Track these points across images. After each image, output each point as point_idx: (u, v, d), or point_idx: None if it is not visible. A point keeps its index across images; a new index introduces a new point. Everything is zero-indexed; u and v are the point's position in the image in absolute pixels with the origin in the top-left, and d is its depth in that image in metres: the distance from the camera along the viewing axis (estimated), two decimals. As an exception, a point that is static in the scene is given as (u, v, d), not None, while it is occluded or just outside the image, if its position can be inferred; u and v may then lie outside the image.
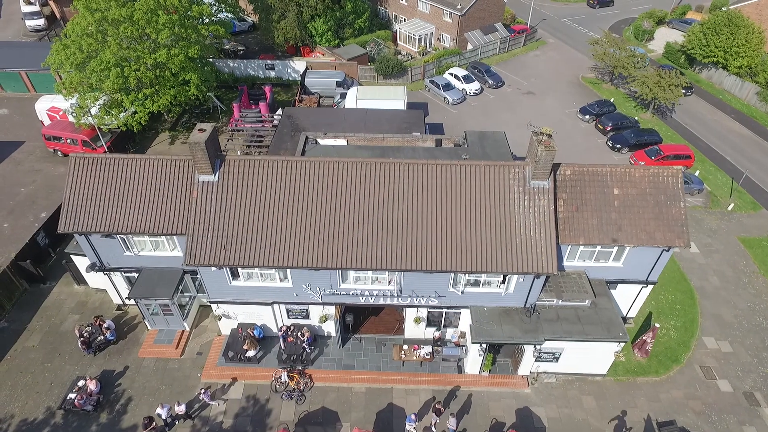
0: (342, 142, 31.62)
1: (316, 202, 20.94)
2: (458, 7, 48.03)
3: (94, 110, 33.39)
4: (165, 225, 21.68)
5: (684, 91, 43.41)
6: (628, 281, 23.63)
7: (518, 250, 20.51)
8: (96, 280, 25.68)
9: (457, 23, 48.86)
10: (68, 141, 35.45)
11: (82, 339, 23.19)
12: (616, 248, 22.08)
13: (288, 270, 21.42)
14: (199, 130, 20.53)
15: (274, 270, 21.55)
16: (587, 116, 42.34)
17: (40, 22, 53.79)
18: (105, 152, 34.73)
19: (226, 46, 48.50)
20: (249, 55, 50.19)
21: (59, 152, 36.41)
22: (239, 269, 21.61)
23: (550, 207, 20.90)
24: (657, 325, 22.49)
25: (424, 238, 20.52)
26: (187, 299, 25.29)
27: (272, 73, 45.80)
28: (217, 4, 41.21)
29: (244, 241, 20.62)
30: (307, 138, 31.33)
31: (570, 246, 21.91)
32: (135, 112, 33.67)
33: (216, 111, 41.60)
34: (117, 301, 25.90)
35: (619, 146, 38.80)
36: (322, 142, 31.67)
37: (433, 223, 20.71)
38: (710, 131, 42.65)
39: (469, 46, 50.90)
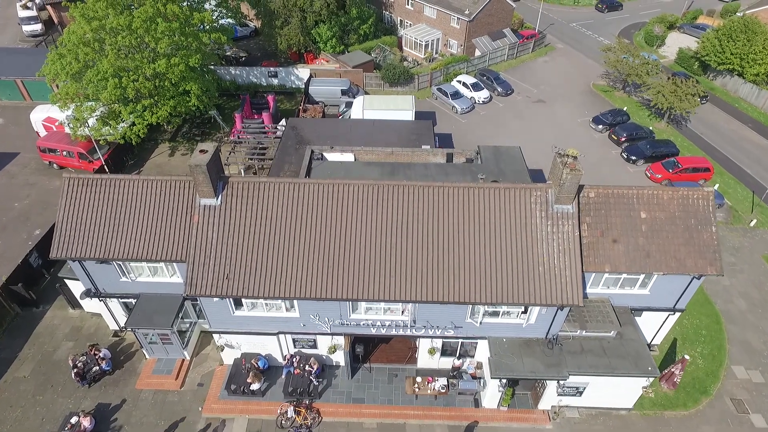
0: (349, 156, 30.30)
1: (325, 228, 19.63)
2: (466, 12, 46.72)
3: (91, 122, 32.11)
4: (164, 251, 20.37)
5: (699, 100, 41.98)
6: (654, 309, 22.32)
7: (541, 279, 19.19)
8: (91, 304, 24.32)
9: (465, 29, 47.55)
10: (64, 153, 34.16)
11: (75, 370, 21.88)
12: (643, 275, 20.79)
13: (295, 300, 20.11)
14: (201, 151, 19.23)
15: (280, 300, 20.24)
16: (600, 126, 41.02)
17: (37, 27, 52.54)
18: (102, 165, 33.48)
19: (228, 53, 47.23)
20: (251, 62, 48.90)
21: (55, 165, 35.12)
22: (243, 299, 20.31)
23: (574, 233, 19.58)
24: (687, 357, 21.16)
25: (440, 267, 19.20)
26: (188, 325, 23.98)
27: (275, 81, 44.50)
28: (218, 10, 39.99)
29: (249, 270, 19.31)
30: (312, 152, 30.02)
31: (594, 273, 20.62)
32: (133, 124, 32.36)
33: (217, 120, 40.28)
34: (114, 327, 24.59)
35: (634, 158, 37.47)
36: (328, 156, 30.36)
37: (449, 250, 19.38)
38: (727, 141, 41.31)
39: (477, 53, 49.58)
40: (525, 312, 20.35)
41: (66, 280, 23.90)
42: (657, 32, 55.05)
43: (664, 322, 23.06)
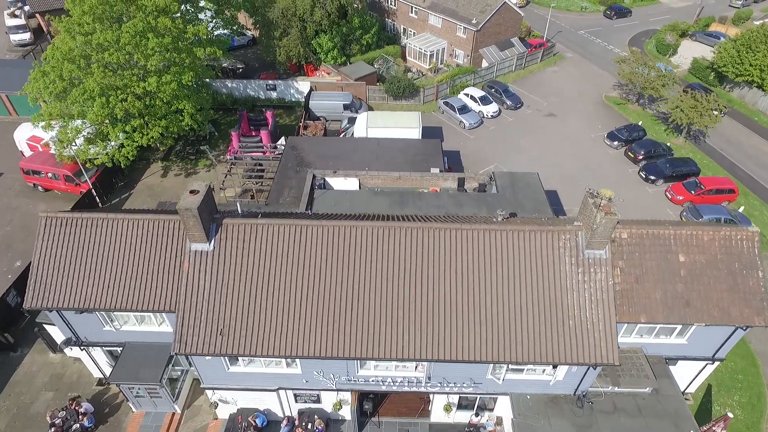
0: (353, 181, 28.30)
1: (330, 276, 17.60)
2: (473, 22, 44.72)
3: (77, 142, 30.00)
4: (151, 301, 18.30)
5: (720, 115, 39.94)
6: (692, 358, 20.36)
7: (571, 335, 17.18)
8: (74, 349, 22.29)
9: (472, 39, 45.55)
10: (49, 176, 32.05)
11: (53, 429, 19.80)
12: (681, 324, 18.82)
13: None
14: (191, 191, 17.18)
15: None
16: (616, 142, 39.04)
17: (26, 36, 50.46)
18: (90, 188, 31.37)
19: (225, 64, 45.12)
20: (249, 73, 46.84)
21: (40, 187, 33.01)
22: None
23: (608, 282, 17.58)
24: (730, 414, 19.17)
25: (459, 320, 17.18)
26: (179, 373, 21.94)
27: (274, 94, 42.46)
28: (214, 21, 37.93)
29: (245, 324, 17.26)
30: (314, 177, 28.02)
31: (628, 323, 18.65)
32: (122, 146, 30.27)
33: (213, 137, 38.24)
34: (97, 375, 22.52)
35: (653, 177, 35.49)
36: (331, 180, 28.36)
37: (468, 301, 17.37)
38: (749, 158, 39.37)
39: (485, 63, 47.59)
40: (553, 368, 18.35)
41: (45, 325, 21.82)
42: (669, 41, 53.12)
43: (701, 371, 21.09)
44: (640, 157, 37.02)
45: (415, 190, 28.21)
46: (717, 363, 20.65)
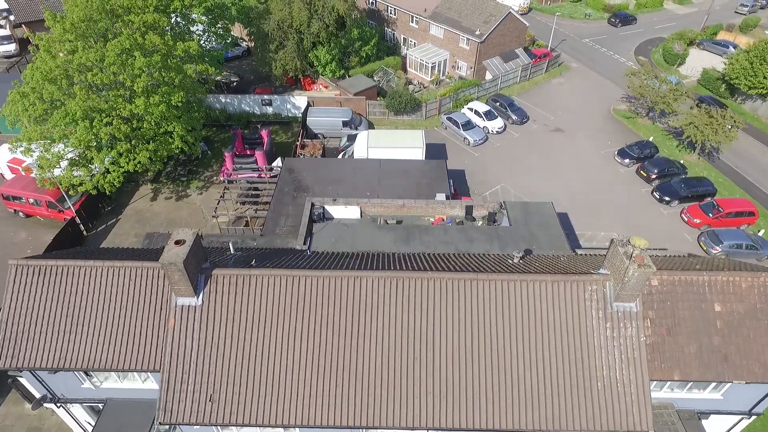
0: (354, 210, 26.52)
1: (331, 334, 15.85)
2: (477, 33, 43.05)
3: (57, 171, 28.15)
4: (134, 359, 16.50)
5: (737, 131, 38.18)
6: (726, 412, 18.70)
7: (600, 399, 15.47)
8: (52, 401, 20.47)
9: (475, 50, 43.89)
10: (31, 201, 30.21)
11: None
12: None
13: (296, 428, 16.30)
14: (176, 242, 15.42)
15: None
16: (627, 160, 37.41)
17: (11, 47, 48.64)
18: (74, 216, 29.51)
19: (218, 77, 43.26)
20: (243, 87, 45.06)
21: (21, 213, 31.16)
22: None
23: (640, 338, 15.89)
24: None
25: (473, 383, 15.46)
26: (167, 427, 20.11)
27: (269, 110, 40.68)
28: (206, 34, 36.14)
29: (237, 389, 15.49)
30: (313, 205, 26.24)
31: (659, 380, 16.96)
32: (108, 171, 28.43)
33: (206, 157, 36.42)
34: (78, 430, 20.69)
35: (668, 198, 33.85)
36: (331, 209, 26.56)
37: (484, 362, 15.65)
38: (766, 176, 37.79)
39: (488, 75, 45.92)
40: None
41: (19, 378, 19.99)
42: (677, 50, 51.59)
43: (735, 425, 19.44)
44: (653, 177, 35.41)
45: (421, 220, 26.53)
46: (754, 417, 19.00)
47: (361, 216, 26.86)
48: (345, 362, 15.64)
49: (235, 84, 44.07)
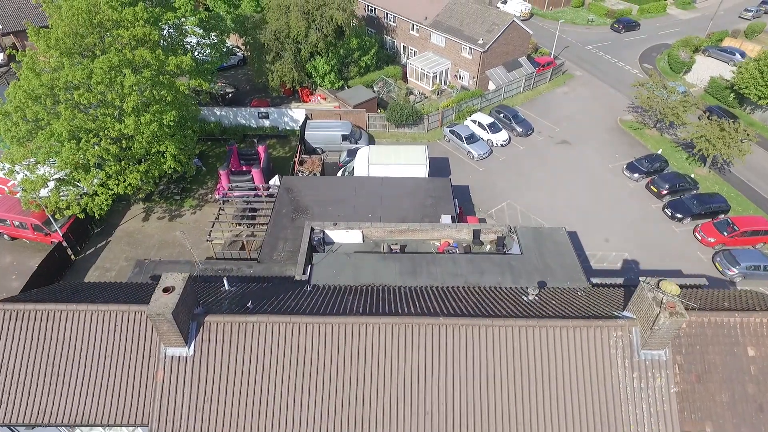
0: (356, 234, 25.23)
1: (334, 387, 14.56)
2: (480, 42, 41.81)
3: (44, 191, 26.78)
4: (120, 413, 15.19)
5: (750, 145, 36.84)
6: (757, 460, 17.46)
7: (629, 457, 14.25)
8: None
9: (478, 60, 42.65)
10: (15, 224, 28.79)
11: None
12: (751, 430, 15.90)
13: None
14: (164, 289, 14.09)
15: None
16: (636, 174, 36.19)
17: (-1, 57, 47.11)
18: (61, 240, 28.10)
19: (213, 88, 41.84)
20: (239, 98, 43.72)
21: (6, 236, 29.72)
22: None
23: (670, 389, 14.66)
24: None
25: (493, 440, 14.21)
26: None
27: (266, 123, 39.34)
28: (200, 46, 34.77)
29: (232, 450, 14.20)
30: (312, 230, 24.92)
31: None
32: (96, 194, 27.04)
33: (200, 173, 35.04)
34: (62, 480, 19.30)
35: (680, 216, 32.64)
36: (331, 233, 25.24)
37: (500, 415, 14.39)
38: (779, 190, 36.71)
39: (491, 85, 44.69)
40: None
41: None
42: (683, 58, 50.47)
43: (765, 473, 18.18)
44: (664, 192, 34.19)
45: (426, 244, 25.25)
46: (786, 464, 17.74)
47: (363, 240, 25.58)
48: (350, 416, 14.35)
49: (230, 95, 42.69)
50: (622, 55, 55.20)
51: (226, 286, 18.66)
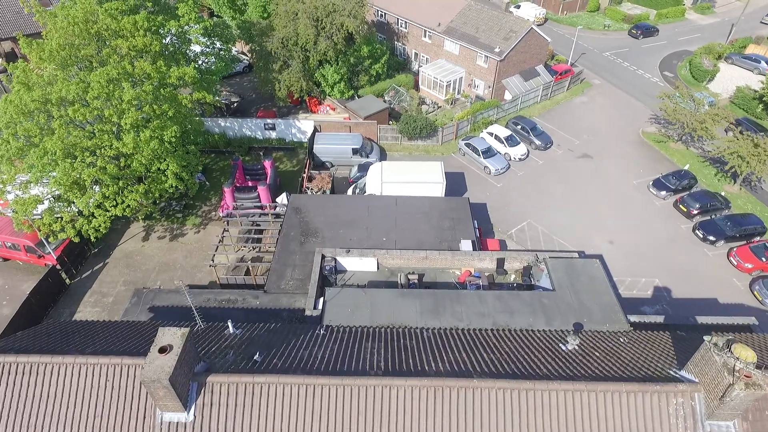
0: (371, 261, 23.44)
1: (355, 459, 12.74)
2: (496, 50, 39.91)
3: (40, 207, 25.09)
4: (108, 484, 13.43)
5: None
6: None
7: None
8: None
9: (494, 69, 40.74)
10: (7, 245, 27.12)
11: None
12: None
13: None
14: (160, 350, 12.30)
15: None
16: (663, 192, 34.20)
17: (-3, 63, 45.40)
18: (55, 263, 26.39)
19: (217, 101, 40.06)
20: (245, 107, 41.99)
21: (-2, 257, 28.09)
22: None
23: (740, 467, 12.76)
24: None
25: None
26: None
27: (273, 134, 37.57)
28: (204, 56, 33.01)
29: None
30: (323, 258, 23.12)
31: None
32: (93, 215, 25.30)
33: (204, 188, 33.28)
34: None
35: (712, 238, 30.66)
36: (344, 261, 23.47)
37: (548, 495, 12.55)
38: (815, 210, 34.64)
39: (507, 95, 42.79)
40: None
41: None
42: (707, 66, 48.41)
43: None
44: (695, 212, 32.20)
45: (446, 273, 23.41)
46: None
47: (378, 268, 23.80)
48: (372, 497, 12.53)
49: (235, 105, 40.91)
50: (641, 62, 53.15)
51: (231, 330, 16.88)
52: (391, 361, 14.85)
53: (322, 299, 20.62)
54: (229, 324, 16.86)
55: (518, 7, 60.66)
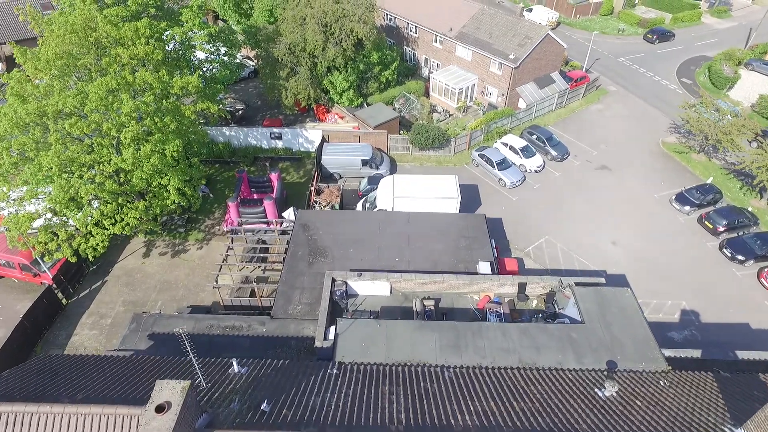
0: (383, 285, 22.07)
1: None
2: (511, 57, 38.45)
3: (37, 222, 23.85)
4: None
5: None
6: None
7: None
8: None
9: (509, 76, 39.29)
10: (2, 263, 25.89)
11: None
12: None
13: None
14: (157, 408, 10.95)
15: None
16: (687, 207, 32.67)
17: (-3, 68, 44.39)
18: (51, 282, 25.14)
19: (223, 103, 38.74)
20: (250, 114, 40.70)
21: (-8, 275, 26.86)
22: None
23: None
24: None
25: None
26: None
27: (279, 144, 36.25)
28: (208, 63, 31.72)
29: None
30: (334, 282, 21.75)
31: None
32: (90, 234, 24.01)
33: (207, 201, 31.99)
34: None
35: (741, 257, 29.13)
36: (356, 284, 22.11)
37: None
38: None
39: (521, 103, 41.35)
40: None
41: None
42: (728, 73, 46.82)
43: None
44: (721, 229, 30.68)
45: (463, 298, 22.00)
46: None
47: (392, 293, 22.42)
48: None
49: (240, 112, 39.59)
50: (657, 68, 51.57)
51: (236, 368, 15.55)
52: (412, 410, 13.49)
53: (333, 329, 19.26)
54: (234, 363, 15.53)
55: (530, 10, 59.19)
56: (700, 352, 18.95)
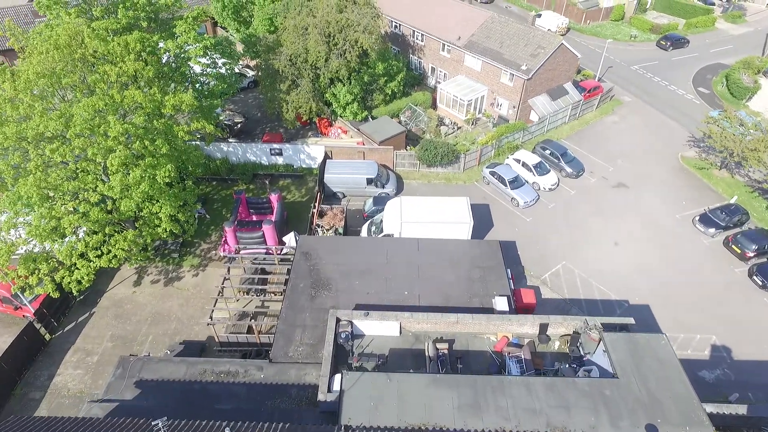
0: (392, 325, 20.25)
1: None
2: (523, 68, 36.58)
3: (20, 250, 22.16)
4: None
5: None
6: None
7: None
8: None
9: (521, 88, 37.43)
10: (-18, 295, 24.17)
11: None
12: None
13: None
14: None
15: None
16: (712, 229, 30.81)
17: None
18: (33, 316, 23.37)
19: (221, 117, 36.99)
20: (250, 127, 38.90)
21: (-29, 307, 25.08)
22: None
23: None
24: None
25: None
26: None
27: (280, 160, 34.45)
28: (204, 77, 29.95)
29: None
30: (338, 321, 19.94)
31: None
32: (75, 266, 22.22)
33: (202, 223, 30.20)
34: None
35: (774, 286, 27.29)
36: (362, 325, 20.29)
37: None
38: None
39: (533, 116, 39.51)
40: None
41: None
42: (747, 83, 44.92)
43: None
44: (750, 255, 28.81)
45: (479, 339, 20.16)
46: None
47: (401, 333, 20.60)
48: None
49: (239, 125, 37.80)
50: (672, 76, 49.63)
51: (229, 436, 13.76)
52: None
53: (337, 378, 17.47)
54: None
55: (539, 15, 57.33)
56: (746, 408, 17.09)
